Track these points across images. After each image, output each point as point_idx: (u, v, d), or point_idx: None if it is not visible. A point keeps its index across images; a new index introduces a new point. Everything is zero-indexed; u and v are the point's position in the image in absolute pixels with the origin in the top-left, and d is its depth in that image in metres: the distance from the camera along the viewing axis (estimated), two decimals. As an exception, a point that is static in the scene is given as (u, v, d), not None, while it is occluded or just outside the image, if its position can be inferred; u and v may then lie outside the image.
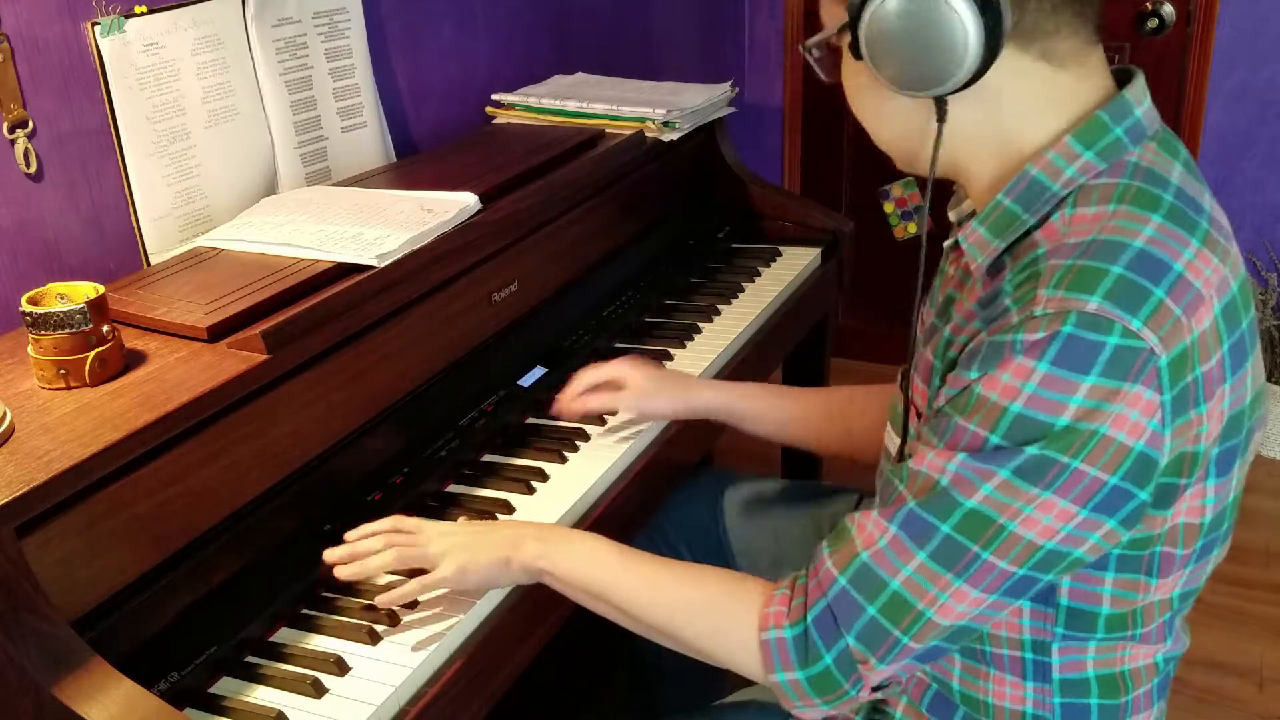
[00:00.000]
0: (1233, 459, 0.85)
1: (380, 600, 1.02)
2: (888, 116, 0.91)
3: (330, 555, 1.04)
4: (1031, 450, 0.78)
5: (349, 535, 1.07)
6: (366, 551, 1.04)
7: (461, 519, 1.15)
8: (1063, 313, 0.77)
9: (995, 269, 0.89)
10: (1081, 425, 0.77)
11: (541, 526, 1.09)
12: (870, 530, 0.86)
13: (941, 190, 0.92)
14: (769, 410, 1.32)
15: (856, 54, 0.86)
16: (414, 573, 1.04)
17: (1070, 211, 0.83)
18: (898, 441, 1.00)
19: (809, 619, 0.87)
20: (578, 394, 1.33)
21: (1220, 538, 0.90)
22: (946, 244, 0.97)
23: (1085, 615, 0.90)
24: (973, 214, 0.92)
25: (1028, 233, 0.86)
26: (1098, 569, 0.86)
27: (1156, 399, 0.77)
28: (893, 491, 0.86)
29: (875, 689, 0.89)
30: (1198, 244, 0.80)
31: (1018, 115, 0.86)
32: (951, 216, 0.99)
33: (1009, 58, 0.82)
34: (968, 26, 0.79)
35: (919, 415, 0.95)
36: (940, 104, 0.85)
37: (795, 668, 0.88)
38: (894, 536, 0.84)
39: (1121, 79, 0.89)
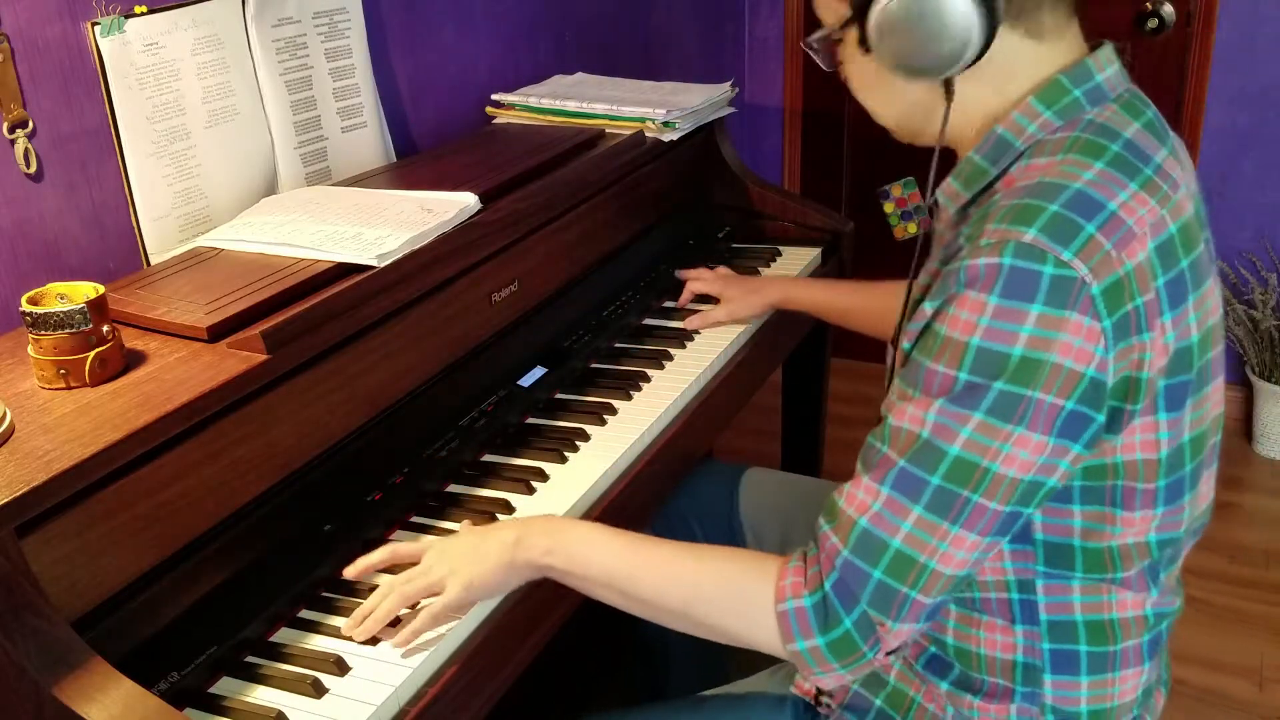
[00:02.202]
0: (1183, 395, 0.89)
1: (395, 642, 1.00)
2: (893, 100, 0.98)
3: (347, 630, 1.02)
4: (999, 385, 0.82)
5: (347, 573, 1.07)
6: (371, 605, 1.03)
7: (465, 522, 1.15)
8: (1002, 242, 0.83)
9: (960, 220, 0.95)
10: (1034, 355, 0.82)
11: (543, 520, 1.08)
12: (862, 498, 0.89)
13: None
14: (831, 300, 1.57)
15: (865, 47, 0.92)
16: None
17: (1025, 162, 0.90)
18: None
19: (827, 586, 0.89)
20: (691, 295, 1.68)
21: (1188, 482, 0.93)
22: (927, 201, 1.03)
23: (1061, 549, 0.93)
24: None
25: (991, 184, 0.93)
26: (1064, 501, 0.91)
27: (1097, 325, 0.82)
28: (876, 454, 0.89)
29: (891, 652, 0.91)
30: (1135, 187, 0.86)
31: (1003, 87, 0.93)
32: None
33: (1000, 35, 0.88)
34: (970, 12, 0.86)
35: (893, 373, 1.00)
36: (948, 85, 0.92)
37: (816, 634, 0.89)
38: (887, 498, 0.87)
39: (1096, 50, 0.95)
